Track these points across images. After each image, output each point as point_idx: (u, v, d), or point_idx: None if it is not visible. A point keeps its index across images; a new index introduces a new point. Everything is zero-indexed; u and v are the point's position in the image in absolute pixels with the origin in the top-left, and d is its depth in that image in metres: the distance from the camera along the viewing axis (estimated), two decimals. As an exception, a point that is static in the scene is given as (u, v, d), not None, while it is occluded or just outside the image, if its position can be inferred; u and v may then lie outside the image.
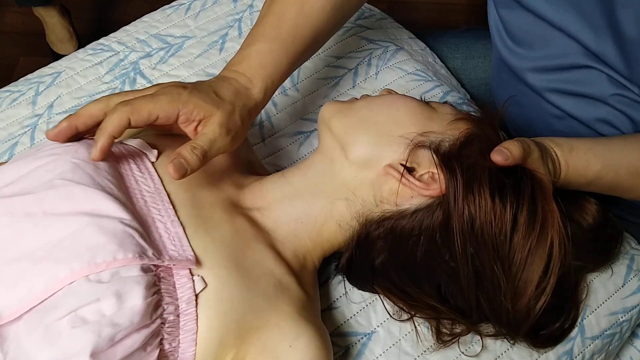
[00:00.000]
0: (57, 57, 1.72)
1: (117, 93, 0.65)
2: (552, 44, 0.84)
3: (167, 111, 0.63)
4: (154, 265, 0.58)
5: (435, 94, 0.99)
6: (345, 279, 0.78)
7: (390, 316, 0.75)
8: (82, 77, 1.00)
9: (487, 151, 0.67)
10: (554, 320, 0.75)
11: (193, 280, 0.60)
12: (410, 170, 0.69)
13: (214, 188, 0.70)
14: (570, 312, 0.76)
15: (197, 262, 0.61)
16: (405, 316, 0.74)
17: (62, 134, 0.64)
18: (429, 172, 0.68)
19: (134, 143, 0.70)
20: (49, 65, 1.03)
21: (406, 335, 0.75)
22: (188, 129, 0.66)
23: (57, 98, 0.97)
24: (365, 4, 1.15)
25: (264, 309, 0.63)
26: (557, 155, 0.72)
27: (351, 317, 0.77)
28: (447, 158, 0.67)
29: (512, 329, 0.70)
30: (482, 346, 0.74)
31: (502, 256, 0.65)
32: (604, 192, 0.76)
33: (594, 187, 0.75)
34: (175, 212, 0.64)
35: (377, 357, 0.74)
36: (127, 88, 0.98)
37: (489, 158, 0.66)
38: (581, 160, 0.72)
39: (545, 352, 0.75)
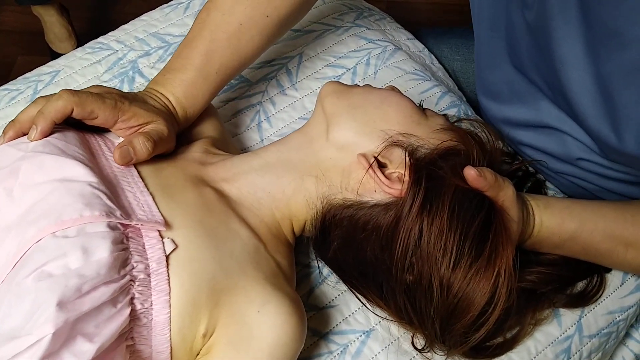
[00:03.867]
0: (55, 56, 1.72)
1: (53, 94, 0.67)
2: (524, 100, 0.82)
3: (107, 116, 0.67)
4: (122, 224, 0.59)
5: (433, 93, 0.99)
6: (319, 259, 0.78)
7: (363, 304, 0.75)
8: (80, 75, 1.00)
9: (462, 169, 0.67)
10: (492, 336, 0.73)
11: (163, 242, 0.60)
12: (382, 166, 0.69)
13: (179, 165, 0.72)
14: (512, 330, 0.75)
15: (166, 224, 0.62)
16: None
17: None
18: (397, 172, 0.68)
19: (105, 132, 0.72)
20: (47, 64, 1.03)
21: (405, 333, 0.75)
22: (123, 134, 0.70)
23: (55, 96, 0.97)
24: (365, 3, 1.16)
25: (232, 271, 0.63)
26: (532, 210, 0.72)
27: (350, 315, 0.77)
28: (418, 164, 0.67)
29: (445, 344, 0.70)
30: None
31: (442, 274, 0.64)
32: (578, 256, 0.75)
33: (568, 249, 0.74)
34: (145, 185, 0.65)
35: (376, 355, 0.74)
36: (125, 87, 0.98)
37: (460, 176, 0.66)
38: (556, 218, 0.72)
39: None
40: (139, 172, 0.67)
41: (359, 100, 0.73)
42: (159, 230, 0.61)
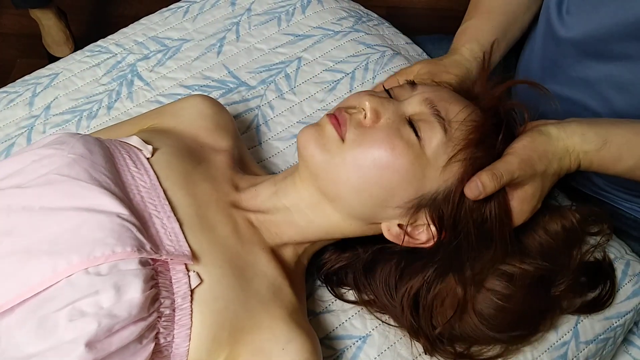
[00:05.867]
0: (53, 59, 1.72)
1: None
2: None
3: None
4: (152, 259, 0.59)
5: (431, 99, 0.99)
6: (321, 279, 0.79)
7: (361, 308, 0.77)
8: (79, 78, 1.00)
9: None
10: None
11: (189, 276, 0.61)
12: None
13: (210, 187, 0.70)
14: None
15: (194, 257, 0.62)
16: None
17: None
18: (425, 224, 0.67)
19: (130, 140, 0.71)
20: (46, 67, 1.03)
21: (401, 338, 0.75)
22: None
23: (54, 99, 0.97)
24: (363, 9, 1.16)
25: (257, 310, 0.64)
26: (577, 156, 0.69)
27: (346, 320, 0.77)
28: (441, 217, 0.67)
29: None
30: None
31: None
32: (635, 179, 0.73)
33: (626, 177, 0.72)
34: (172, 209, 0.65)
35: (372, 360, 0.74)
36: (124, 90, 0.98)
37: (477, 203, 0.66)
38: (612, 155, 0.69)
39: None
40: (165, 191, 0.66)
41: (357, 180, 0.65)
42: (185, 263, 0.61)
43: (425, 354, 0.74)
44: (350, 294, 0.78)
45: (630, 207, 0.93)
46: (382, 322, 0.76)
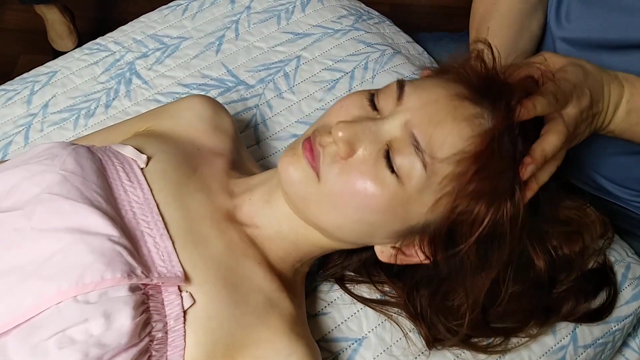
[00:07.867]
0: (57, 54, 1.72)
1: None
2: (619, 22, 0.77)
3: None
4: (142, 284, 0.58)
5: (431, 99, 0.98)
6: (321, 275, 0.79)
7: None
8: (77, 76, 1.00)
9: (476, 224, 0.61)
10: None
11: (181, 297, 0.60)
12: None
13: (205, 198, 0.69)
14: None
15: (186, 278, 0.61)
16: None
17: None
18: (419, 245, 0.65)
19: (124, 150, 0.69)
20: (45, 65, 1.03)
21: (397, 341, 0.75)
22: None
23: (52, 97, 0.97)
24: (364, 6, 1.15)
25: (254, 325, 0.63)
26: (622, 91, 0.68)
27: (342, 323, 0.76)
28: (436, 242, 0.64)
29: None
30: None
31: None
32: None
33: None
34: (165, 224, 0.64)
35: (367, 364, 0.74)
36: (122, 88, 0.98)
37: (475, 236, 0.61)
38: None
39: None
40: (157, 205, 0.65)
41: (336, 217, 0.64)
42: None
43: (428, 347, 0.73)
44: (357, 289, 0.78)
45: (637, 207, 0.92)
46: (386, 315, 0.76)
